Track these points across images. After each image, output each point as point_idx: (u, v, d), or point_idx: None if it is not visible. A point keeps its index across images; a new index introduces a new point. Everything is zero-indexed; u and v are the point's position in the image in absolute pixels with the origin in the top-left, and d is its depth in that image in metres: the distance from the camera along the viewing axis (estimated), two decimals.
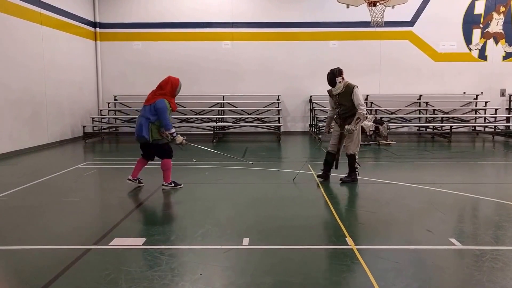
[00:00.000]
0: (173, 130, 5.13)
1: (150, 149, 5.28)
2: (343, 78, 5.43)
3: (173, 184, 5.39)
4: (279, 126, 11.52)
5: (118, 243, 3.44)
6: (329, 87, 5.58)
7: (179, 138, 5.25)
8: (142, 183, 5.51)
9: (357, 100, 5.35)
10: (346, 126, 5.42)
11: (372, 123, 10.35)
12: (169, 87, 5.13)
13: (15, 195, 5.15)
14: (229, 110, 12.25)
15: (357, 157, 5.64)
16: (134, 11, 12.23)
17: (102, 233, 3.66)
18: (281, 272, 2.87)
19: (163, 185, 5.37)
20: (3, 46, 8.28)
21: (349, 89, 5.40)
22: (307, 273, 2.86)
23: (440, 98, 12.20)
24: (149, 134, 5.06)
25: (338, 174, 5.90)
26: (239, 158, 7.50)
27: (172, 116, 5.58)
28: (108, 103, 12.39)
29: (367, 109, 11.70)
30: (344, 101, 5.44)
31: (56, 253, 3.26)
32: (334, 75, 5.40)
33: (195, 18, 12.15)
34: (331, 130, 5.84)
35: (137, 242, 3.43)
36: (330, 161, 5.69)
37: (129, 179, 5.41)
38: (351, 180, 5.63)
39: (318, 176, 5.75)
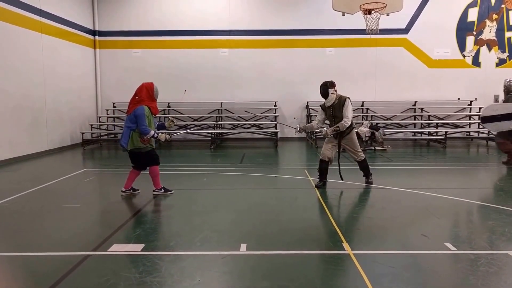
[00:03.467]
0: (152, 132, 5.14)
1: (138, 159, 5.31)
2: (335, 90, 5.55)
3: (163, 190, 5.43)
4: (276, 132, 11.59)
5: (117, 249, 3.46)
6: (322, 101, 5.70)
7: (162, 136, 5.32)
8: (137, 190, 5.52)
9: (346, 111, 5.49)
10: (323, 129, 5.71)
11: (368, 129, 10.44)
12: (144, 92, 5.19)
13: (15, 201, 5.17)
14: (227, 116, 12.32)
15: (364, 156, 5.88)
16: (133, 19, 12.34)
17: (101, 239, 3.69)
18: (278, 277, 2.91)
19: (154, 191, 5.42)
20: (4, 53, 8.34)
21: (341, 100, 5.52)
22: (304, 277, 2.90)
23: (435, 104, 12.33)
24: (128, 142, 5.12)
25: (335, 179, 5.96)
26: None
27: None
28: (107, 110, 12.44)
29: (363, 115, 12.02)
30: (338, 113, 5.55)
31: (55, 259, 3.28)
32: (327, 87, 5.53)
33: (193, 26, 12.27)
34: (302, 132, 6.03)
35: (136, 248, 3.46)
36: (325, 168, 5.76)
37: (122, 191, 5.42)
38: (372, 178, 5.92)
39: (317, 186, 5.76)
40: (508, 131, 7.48)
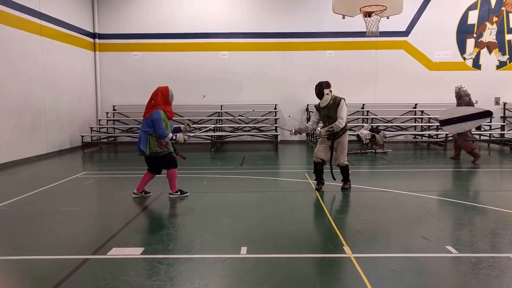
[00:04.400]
0: (170, 135, 5.17)
1: (155, 163, 5.32)
2: (330, 91, 5.53)
3: (179, 193, 5.43)
4: (277, 135, 11.58)
5: (116, 252, 3.45)
6: (317, 101, 5.67)
7: (180, 138, 5.34)
8: (149, 192, 5.52)
9: (340, 112, 5.44)
10: (317, 129, 5.63)
11: (369, 131, 10.44)
12: (160, 96, 5.22)
13: (13, 204, 5.15)
14: (227, 119, 12.32)
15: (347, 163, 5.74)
16: (133, 22, 12.35)
17: (100, 243, 3.67)
18: (278, 280, 2.89)
19: (170, 193, 5.42)
20: (3, 56, 8.34)
21: (337, 101, 5.48)
22: (305, 281, 2.88)
23: (435, 106, 12.28)
24: (147, 147, 5.14)
25: (334, 182, 5.94)
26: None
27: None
28: (107, 113, 12.43)
29: (363, 118, 12.02)
30: (332, 113, 5.51)
31: (54, 262, 3.27)
32: (322, 87, 5.51)
33: (193, 28, 12.29)
34: (297, 134, 5.89)
35: (135, 252, 3.44)
36: (320, 169, 5.72)
37: (134, 193, 5.41)
38: (349, 185, 5.77)
39: (317, 189, 5.74)
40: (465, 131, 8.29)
